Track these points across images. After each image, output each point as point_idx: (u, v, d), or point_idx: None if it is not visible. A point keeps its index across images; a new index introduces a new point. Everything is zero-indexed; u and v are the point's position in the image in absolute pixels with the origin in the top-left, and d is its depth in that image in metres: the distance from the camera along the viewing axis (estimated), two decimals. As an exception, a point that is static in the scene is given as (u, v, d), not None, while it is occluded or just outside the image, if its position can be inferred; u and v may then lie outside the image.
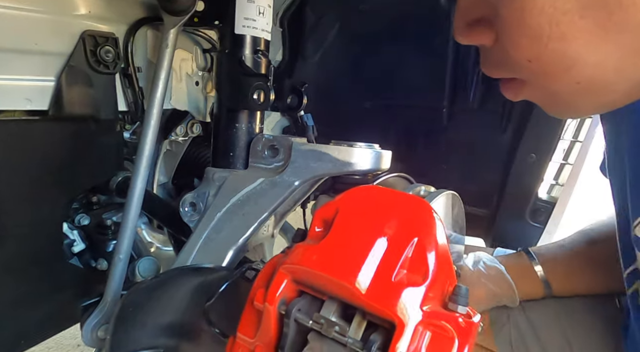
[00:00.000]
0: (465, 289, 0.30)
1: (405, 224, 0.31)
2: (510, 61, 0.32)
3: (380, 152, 0.53)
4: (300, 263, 0.31)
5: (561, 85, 0.32)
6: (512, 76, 0.36)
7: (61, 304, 0.66)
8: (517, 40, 0.30)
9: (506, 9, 0.30)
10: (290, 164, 0.53)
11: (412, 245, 0.30)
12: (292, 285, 0.32)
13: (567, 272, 0.59)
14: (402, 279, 0.29)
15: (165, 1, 0.54)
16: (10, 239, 0.56)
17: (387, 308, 0.27)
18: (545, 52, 0.29)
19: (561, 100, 0.34)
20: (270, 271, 0.34)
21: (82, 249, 0.70)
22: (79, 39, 0.54)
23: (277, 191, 0.54)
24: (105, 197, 0.78)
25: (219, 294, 0.40)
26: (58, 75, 0.53)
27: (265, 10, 0.58)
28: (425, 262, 0.30)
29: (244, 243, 0.56)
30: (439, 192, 0.47)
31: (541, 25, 0.28)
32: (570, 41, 0.28)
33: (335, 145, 0.52)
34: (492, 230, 0.85)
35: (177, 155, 0.86)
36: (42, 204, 0.58)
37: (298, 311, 0.30)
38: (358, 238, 0.30)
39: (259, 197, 0.55)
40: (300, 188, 0.54)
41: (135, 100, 0.63)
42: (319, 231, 0.33)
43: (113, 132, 0.62)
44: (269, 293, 0.31)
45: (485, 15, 0.33)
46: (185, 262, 0.56)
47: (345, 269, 0.29)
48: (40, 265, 0.61)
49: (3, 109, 0.51)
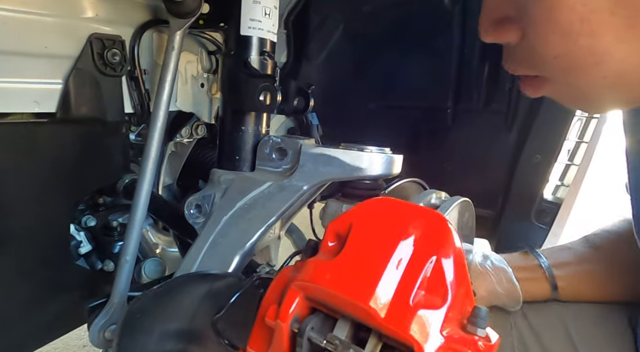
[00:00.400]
0: (485, 311, 0.29)
1: (422, 242, 0.30)
2: (536, 58, 0.33)
3: (392, 157, 0.52)
4: (313, 281, 0.30)
5: (587, 80, 0.33)
6: (535, 73, 0.36)
7: (68, 305, 0.66)
8: (546, 37, 0.31)
9: (535, 7, 0.31)
10: (299, 167, 0.52)
11: (430, 264, 0.29)
12: (305, 302, 0.31)
13: (574, 275, 0.59)
14: (421, 301, 0.28)
15: (172, 4, 0.54)
16: (18, 241, 0.56)
17: (406, 333, 0.26)
18: (574, 48, 0.30)
19: (586, 95, 0.35)
20: (281, 286, 0.34)
21: (88, 250, 0.70)
22: (87, 42, 0.54)
23: (285, 195, 0.53)
24: (110, 199, 0.78)
25: (228, 306, 0.39)
26: (66, 78, 0.54)
27: (271, 11, 0.58)
28: (444, 283, 0.28)
29: (250, 247, 0.55)
30: (453, 200, 0.46)
31: (571, 22, 0.29)
32: (599, 37, 0.29)
33: (345, 148, 0.51)
34: (497, 231, 0.85)
35: (182, 157, 0.87)
36: (50, 206, 0.58)
37: (311, 329, 0.30)
38: (374, 256, 0.29)
39: (267, 201, 0.54)
40: (309, 192, 0.54)
41: (141, 103, 0.63)
42: (332, 245, 0.33)
43: (119, 135, 0.62)
44: (282, 310, 0.31)
45: (512, 13, 0.34)
46: (191, 266, 0.56)
47: (360, 289, 0.28)
48: (48, 266, 0.61)
49: (12, 111, 0.51)
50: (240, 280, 0.49)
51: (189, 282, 0.48)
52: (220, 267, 0.55)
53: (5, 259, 0.56)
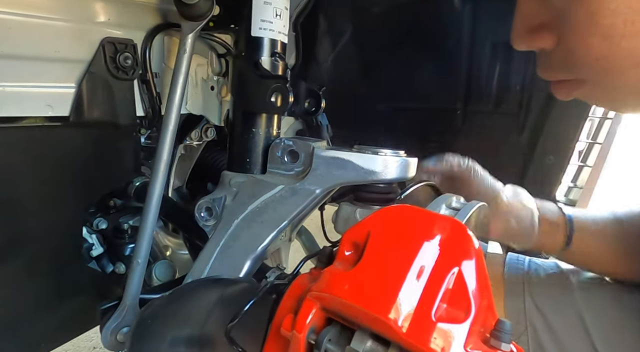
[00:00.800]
0: (509, 325, 0.28)
1: (444, 253, 0.29)
2: (575, 62, 0.35)
3: (407, 160, 0.51)
4: (330, 291, 0.29)
5: (625, 81, 0.34)
6: (572, 77, 0.37)
7: (80, 307, 0.66)
8: (587, 40, 0.33)
9: (576, 12, 0.32)
10: (311, 171, 0.51)
11: (452, 275, 0.28)
12: (321, 312, 0.31)
13: (592, 237, 0.59)
14: (443, 315, 0.27)
15: (184, 7, 0.54)
16: (32, 243, 0.57)
17: (427, 348, 0.25)
18: (617, 50, 0.32)
19: (621, 96, 0.36)
20: (296, 295, 0.34)
21: (100, 253, 0.70)
22: (99, 46, 0.55)
23: (298, 199, 0.53)
24: (121, 201, 0.79)
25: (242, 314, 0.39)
26: (79, 81, 0.54)
27: (282, 12, 0.58)
28: (467, 295, 0.27)
29: (262, 251, 0.55)
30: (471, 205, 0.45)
31: (615, 24, 0.31)
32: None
33: (359, 151, 0.50)
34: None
35: (192, 160, 0.87)
36: (63, 209, 0.59)
37: (328, 341, 0.29)
38: (393, 267, 0.28)
39: (279, 205, 0.53)
40: (321, 195, 0.53)
41: (152, 106, 0.63)
42: (349, 254, 0.32)
43: (131, 137, 0.63)
44: (298, 321, 0.30)
45: (547, 20, 0.35)
46: (202, 270, 0.56)
47: (380, 301, 0.27)
48: (61, 269, 0.61)
49: (25, 115, 0.52)
50: (253, 285, 0.48)
51: (201, 288, 0.48)
52: (231, 271, 0.54)
53: (19, 261, 0.56)
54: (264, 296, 0.39)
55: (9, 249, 0.55)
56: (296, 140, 0.55)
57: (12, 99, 0.49)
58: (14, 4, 0.47)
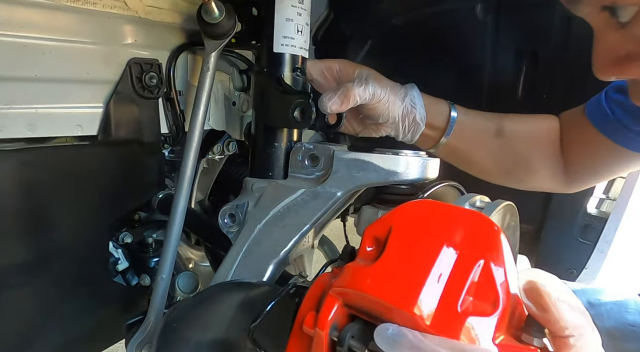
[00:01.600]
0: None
1: (468, 245, 0.28)
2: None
3: (428, 160, 0.51)
4: (352, 286, 0.29)
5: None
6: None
7: (106, 321, 0.68)
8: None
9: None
10: (332, 173, 0.51)
11: (477, 268, 0.27)
12: (343, 309, 0.30)
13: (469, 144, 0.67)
14: (469, 308, 0.26)
15: (207, 26, 0.55)
16: (60, 259, 0.58)
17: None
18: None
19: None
20: (318, 293, 0.33)
21: (125, 267, 0.72)
22: (126, 67, 0.56)
23: (319, 202, 0.53)
24: (145, 215, 0.80)
25: (264, 315, 0.39)
26: (106, 101, 0.56)
27: (304, 28, 0.58)
28: (495, 288, 0.26)
29: (285, 256, 0.55)
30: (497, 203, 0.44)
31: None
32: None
33: (379, 153, 0.50)
34: (537, 247, 0.81)
35: (213, 173, 0.88)
36: (91, 224, 0.60)
37: (352, 338, 0.28)
38: (416, 260, 0.27)
39: (300, 209, 0.54)
40: (342, 199, 0.53)
41: (176, 123, 0.65)
42: (371, 250, 0.31)
43: (156, 154, 0.64)
44: (320, 318, 0.29)
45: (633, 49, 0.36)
46: (226, 275, 0.56)
47: (403, 294, 0.26)
48: (88, 283, 0.63)
49: (57, 135, 0.53)
50: (276, 289, 0.48)
51: (224, 291, 0.49)
52: (254, 276, 0.55)
53: (49, 276, 0.58)
54: (286, 298, 0.39)
55: (40, 264, 0.56)
56: (316, 144, 0.55)
57: (44, 120, 0.51)
58: (48, 29, 0.50)
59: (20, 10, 0.47)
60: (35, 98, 0.50)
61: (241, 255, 0.56)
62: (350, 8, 0.87)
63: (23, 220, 0.53)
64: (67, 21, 0.51)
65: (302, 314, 0.32)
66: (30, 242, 0.54)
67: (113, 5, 0.54)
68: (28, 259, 0.55)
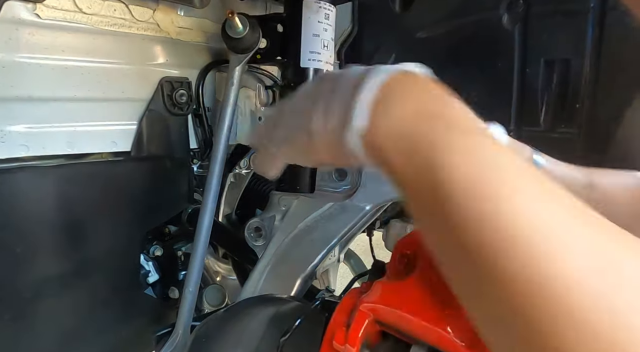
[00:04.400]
0: None
1: None
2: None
3: None
4: (384, 302, 0.28)
5: None
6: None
7: (137, 332, 0.69)
8: None
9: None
10: (360, 187, 0.52)
11: None
12: (374, 326, 0.30)
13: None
14: None
15: (231, 40, 0.57)
16: (95, 271, 0.60)
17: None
18: None
19: None
20: (348, 308, 0.33)
21: (156, 279, 0.73)
22: (158, 85, 0.59)
23: (347, 216, 0.53)
24: (175, 228, 0.82)
25: (294, 329, 0.39)
26: (140, 119, 0.58)
27: (329, 43, 0.59)
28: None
29: (312, 270, 0.55)
30: None
31: None
32: None
33: None
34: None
35: (241, 187, 0.90)
36: (125, 238, 0.62)
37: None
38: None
39: (328, 223, 0.54)
40: (371, 212, 0.52)
41: (204, 138, 0.67)
42: (401, 266, 0.31)
43: (185, 169, 0.66)
44: (350, 334, 0.29)
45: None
46: (253, 289, 0.56)
47: (437, 313, 0.26)
48: (121, 295, 0.65)
49: (93, 151, 0.56)
50: (304, 304, 0.48)
51: (254, 306, 0.49)
52: (282, 290, 0.55)
53: (83, 287, 0.60)
54: (315, 313, 0.38)
55: (75, 275, 0.59)
56: None
57: (82, 138, 0.54)
58: (87, 52, 0.53)
59: (63, 35, 0.51)
60: (74, 116, 0.53)
61: (268, 269, 0.56)
62: (374, 22, 0.87)
63: (61, 233, 0.55)
64: (104, 44, 0.54)
65: (332, 330, 0.32)
66: (67, 254, 0.57)
67: (147, 28, 0.57)
68: (64, 270, 0.57)
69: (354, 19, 0.87)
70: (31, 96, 0.49)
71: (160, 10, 0.58)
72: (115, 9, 0.54)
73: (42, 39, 0.49)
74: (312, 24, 0.57)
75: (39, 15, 0.48)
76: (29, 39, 0.48)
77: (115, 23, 0.54)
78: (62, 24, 0.50)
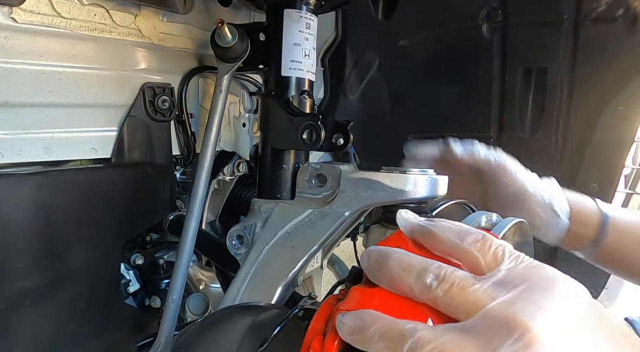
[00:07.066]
0: None
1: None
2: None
3: (436, 178, 0.50)
4: (359, 309, 0.28)
5: None
6: None
7: (117, 343, 0.67)
8: None
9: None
10: (339, 193, 0.51)
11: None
12: None
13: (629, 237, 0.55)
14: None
15: (220, 49, 0.57)
16: (74, 281, 0.59)
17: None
18: None
19: None
20: (325, 316, 0.32)
21: (137, 288, 0.72)
22: (139, 91, 0.58)
23: (327, 222, 0.52)
24: (157, 236, 0.81)
25: (272, 338, 0.38)
26: (120, 125, 0.57)
27: (310, 52, 0.59)
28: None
29: (293, 277, 0.54)
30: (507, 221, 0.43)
31: None
32: None
33: (386, 172, 0.49)
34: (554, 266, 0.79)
35: (224, 194, 0.89)
36: (104, 246, 0.61)
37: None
38: None
39: (308, 229, 0.53)
40: (350, 218, 0.52)
41: (187, 145, 0.66)
42: None
43: (168, 176, 0.65)
44: (327, 342, 0.29)
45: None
46: (234, 297, 0.56)
47: (410, 317, 0.26)
48: (100, 306, 0.63)
49: (72, 158, 0.55)
50: (284, 312, 0.48)
51: (232, 315, 0.48)
52: (263, 297, 0.54)
53: (62, 297, 0.58)
54: (295, 322, 0.38)
55: (54, 285, 0.57)
56: (323, 164, 0.55)
57: (60, 144, 0.53)
58: (66, 57, 0.52)
59: (41, 39, 0.50)
60: (52, 123, 0.52)
61: (249, 277, 0.55)
62: (358, 30, 0.89)
63: (38, 242, 0.54)
64: (84, 49, 0.53)
65: (310, 338, 0.32)
66: (45, 263, 0.55)
67: (128, 33, 0.57)
68: (42, 280, 0.55)
69: (338, 27, 0.88)
70: (7, 102, 0.48)
71: (142, 15, 0.58)
72: (95, 14, 0.53)
73: (19, 44, 0.48)
74: (293, 33, 0.57)
75: (15, 19, 0.47)
76: (4, 43, 0.46)
77: (95, 28, 0.53)
78: (40, 28, 0.49)
